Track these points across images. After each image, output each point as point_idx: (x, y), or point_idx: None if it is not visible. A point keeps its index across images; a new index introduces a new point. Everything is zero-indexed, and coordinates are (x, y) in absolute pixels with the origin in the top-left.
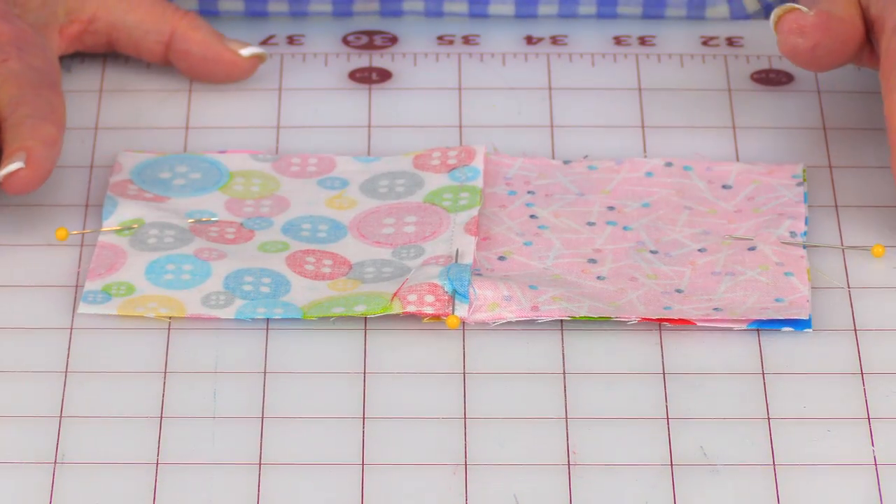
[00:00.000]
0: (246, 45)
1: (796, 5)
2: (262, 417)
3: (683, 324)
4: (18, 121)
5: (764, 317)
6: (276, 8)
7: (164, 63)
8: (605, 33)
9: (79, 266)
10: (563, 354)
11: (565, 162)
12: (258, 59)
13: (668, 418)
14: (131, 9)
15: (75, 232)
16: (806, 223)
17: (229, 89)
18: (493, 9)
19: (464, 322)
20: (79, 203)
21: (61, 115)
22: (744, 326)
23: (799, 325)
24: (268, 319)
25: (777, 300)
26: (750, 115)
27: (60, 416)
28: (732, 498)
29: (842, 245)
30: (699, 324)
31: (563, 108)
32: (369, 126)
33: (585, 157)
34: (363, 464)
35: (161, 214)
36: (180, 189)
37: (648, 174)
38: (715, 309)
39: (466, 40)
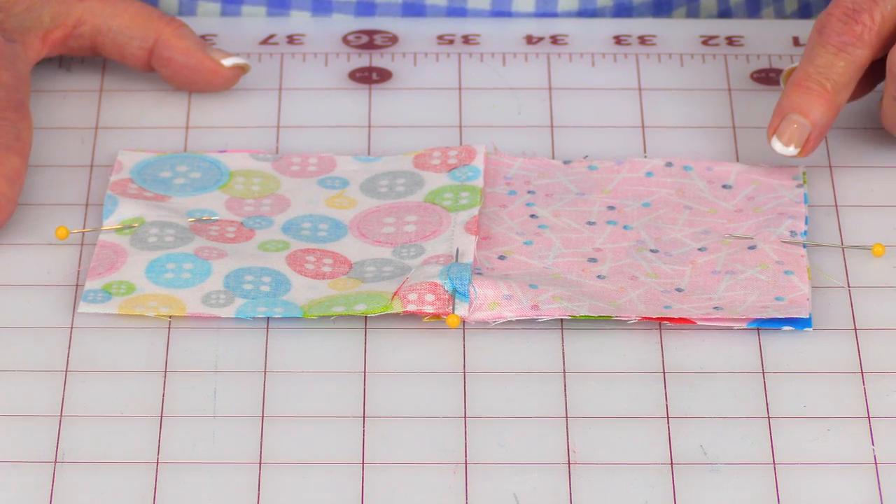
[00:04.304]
0: (229, 54)
1: (795, 118)
2: (262, 417)
3: (684, 323)
4: None
5: (764, 315)
6: (298, 6)
7: (148, 69)
8: (605, 33)
9: (79, 265)
10: (563, 354)
11: (565, 162)
12: (240, 70)
13: (668, 417)
14: (116, 14)
15: (75, 231)
16: (806, 223)
17: (229, 89)
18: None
19: (464, 321)
20: (79, 202)
21: (26, 141)
22: (744, 325)
23: (799, 323)
24: (268, 319)
25: (777, 298)
26: (750, 115)
27: (60, 416)
28: (732, 497)
29: (842, 245)
30: (699, 323)
31: (563, 108)
32: (369, 126)
33: (586, 157)
34: (363, 463)
35: (161, 213)
36: (180, 188)
37: (649, 174)
38: (715, 308)
39: (466, 40)
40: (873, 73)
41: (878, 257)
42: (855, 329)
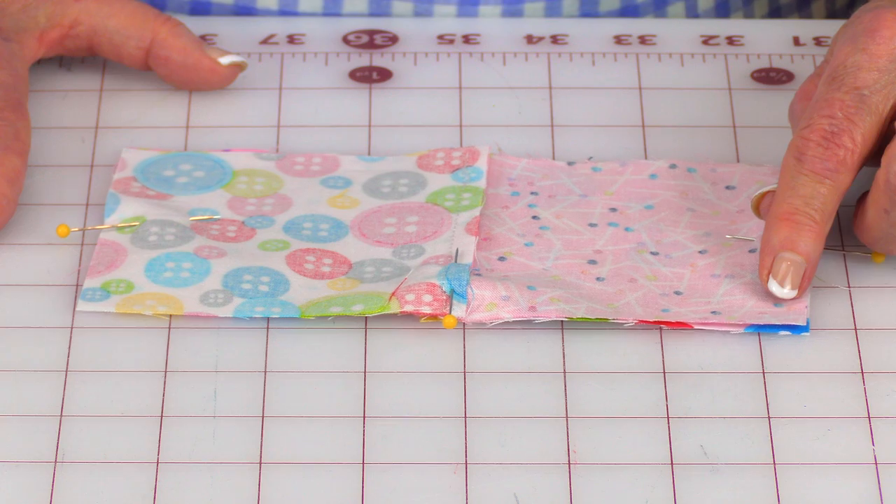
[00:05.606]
0: (226, 53)
1: (788, 256)
2: (263, 417)
3: (680, 327)
4: None
5: (761, 322)
6: (265, 4)
7: (145, 68)
8: (605, 32)
9: (79, 265)
10: (564, 354)
11: (569, 163)
12: (238, 68)
13: (668, 418)
14: (113, 14)
15: (76, 229)
16: None
17: (229, 88)
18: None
19: (462, 322)
20: (79, 202)
21: (25, 141)
22: (741, 331)
23: (796, 329)
24: (268, 319)
25: (776, 305)
26: (751, 115)
27: (60, 416)
28: (732, 497)
29: (842, 248)
30: (696, 327)
31: (564, 107)
32: (370, 126)
33: (590, 158)
34: (363, 463)
35: (163, 212)
36: (183, 187)
37: (652, 176)
38: (713, 312)
39: (466, 40)
40: None
41: (877, 263)
42: (855, 329)
